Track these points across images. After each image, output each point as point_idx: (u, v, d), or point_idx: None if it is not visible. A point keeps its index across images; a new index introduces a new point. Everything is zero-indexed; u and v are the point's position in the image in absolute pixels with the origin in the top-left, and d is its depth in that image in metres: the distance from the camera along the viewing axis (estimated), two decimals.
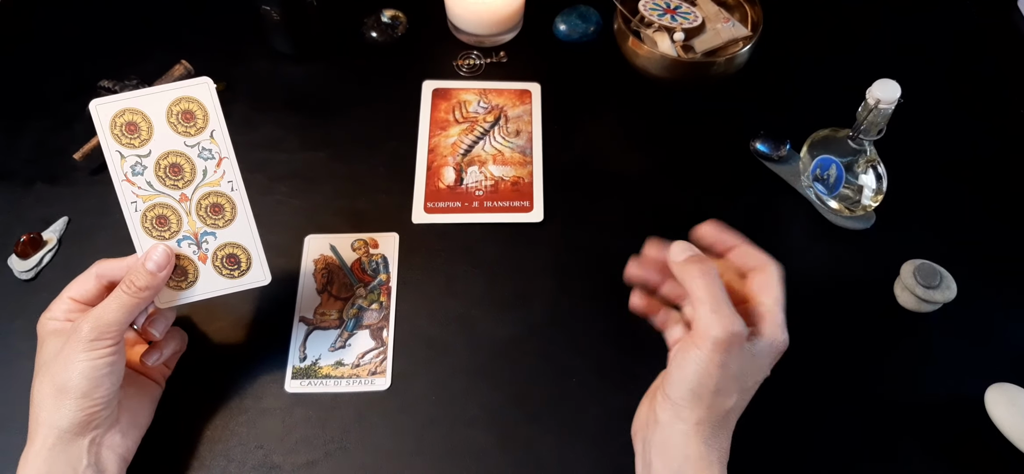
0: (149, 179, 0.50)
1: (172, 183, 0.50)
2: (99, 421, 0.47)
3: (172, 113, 0.49)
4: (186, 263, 0.52)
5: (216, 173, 0.51)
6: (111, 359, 0.46)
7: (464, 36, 0.78)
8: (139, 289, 0.48)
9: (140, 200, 0.50)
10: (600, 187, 0.68)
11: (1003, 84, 0.76)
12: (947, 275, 0.59)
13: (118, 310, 0.47)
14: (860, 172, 0.61)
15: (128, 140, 0.49)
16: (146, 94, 0.49)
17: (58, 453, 0.45)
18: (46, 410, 0.46)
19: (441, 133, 0.71)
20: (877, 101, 0.56)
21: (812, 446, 0.54)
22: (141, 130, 0.49)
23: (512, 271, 0.63)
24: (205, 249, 0.52)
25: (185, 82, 0.50)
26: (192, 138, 0.50)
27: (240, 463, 0.53)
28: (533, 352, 0.58)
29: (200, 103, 0.50)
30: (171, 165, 0.50)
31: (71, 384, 0.45)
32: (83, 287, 0.50)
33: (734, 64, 0.70)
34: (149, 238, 0.51)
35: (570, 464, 0.53)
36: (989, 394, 0.55)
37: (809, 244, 0.65)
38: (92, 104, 0.48)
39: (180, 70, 0.71)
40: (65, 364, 0.46)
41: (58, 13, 0.81)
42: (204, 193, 0.51)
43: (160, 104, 0.49)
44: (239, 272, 0.53)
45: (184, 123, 0.50)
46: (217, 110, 0.50)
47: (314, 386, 0.56)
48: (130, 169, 0.50)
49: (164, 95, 0.49)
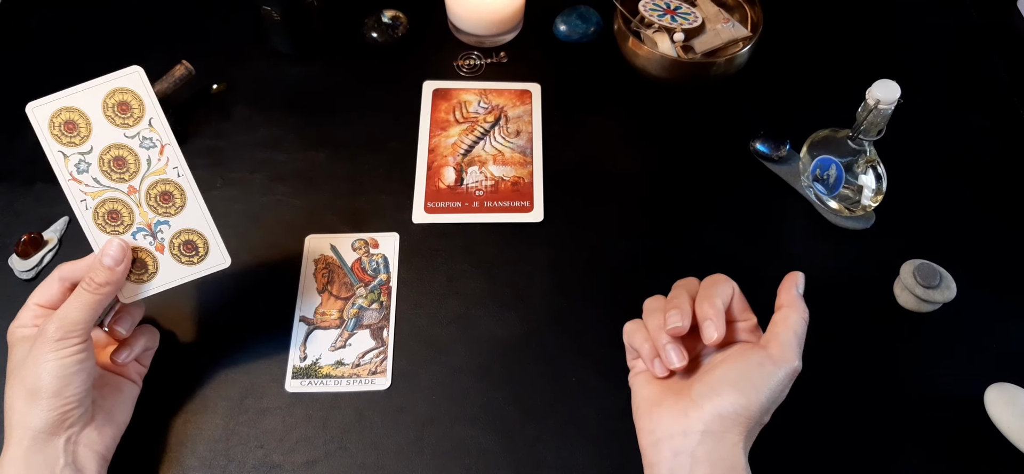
0: (95, 175, 0.50)
1: (118, 176, 0.50)
2: (73, 419, 0.47)
3: (107, 106, 0.49)
4: (144, 255, 0.52)
5: (160, 161, 0.51)
6: (79, 357, 0.46)
7: (464, 36, 0.78)
8: (99, 285, 0.48)
9: (89, 197, 0.50)
10: (600, 187, 0.68)
11: (1003, 84, 0.77)
12: (947, 275, 0.59)
13: (80, 308, 0.47)
14: (860, 172, 0.62)
15: (69, 139, 0.49)
16: (79, 91, 0.49)
17: (34, 454, 0.45)
18: (19, 413, 0.46)
19: (441, 133, 0.71)
20: (877, 101, 0.56)
21: (812, 446, 0.54)
22: (80, 127, 0.49)
23: (512, 271, 0.63)
24: (161, 239, 0.52)
25: (116, 73, 0.49)
26: (131, 129, 0.50)
27: (240, 463, 0.53)
28: (533, 352, 0.59)
29: (134, 93, 0.50)
30: (115, 159, 0.50)
31: (42, 384, 0.45)
32: (48, 292, 0.50)
33: (734, 64, 0.70)
34: (103, 234, 0.51)
35: (570, 463, 0.53)
36: (989, 394, 0.55)
37: (809, 244, 0.65)
38: (28, 107, 0.48)
39: (180, 70, 0.71)
40: (34, 365, 0.46)
41: (58, 13, 0.81)
42: (151, 182, 0.51)
43: (94, 99, 0.49)
44: (198, 258, 0.53)
45: (121, 115, 0.50)
46: (151, 98, 0.50)
47: (314, 386, 0.56)
48: (74, 168, 0.50)
49: (97, 89, 0.49)
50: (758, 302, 0.61)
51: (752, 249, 0.64)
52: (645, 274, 0.62)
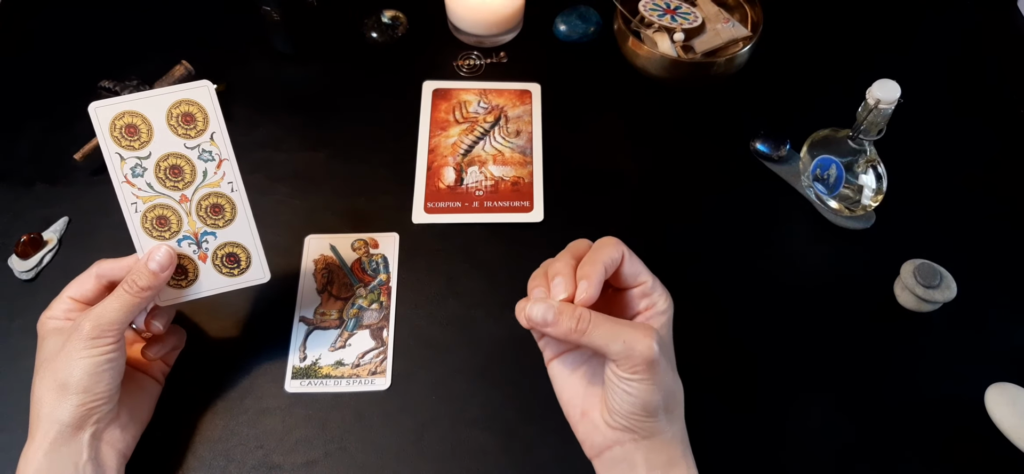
0: (149, 181, 0.50)
1: (172, 184, 0.50)
2: (99, 416, 0.47)
3: (172, 115, 0.49)
4: (186, 262, 0.52)
5: (216, 174, 0.51)
6: (112, 356, 0.47)
7: (464, 36, 0.78)
8: (141, 289, 0.48)
9: (140, 201, 0.50)
10: (600, 187, 0.68)
11: (1003, 84, 0.76)
12: (947, 275, 0.59)
13: (119, 309, 0.47)
14: (860, 172, 0.62)
15: (128, 142, 0.49)
16: (146, 96, 0.49)
17: (59, 447, 0.46)
18: (47, 406, 0.46)
19: (441, 133, 0.71)
20: (877, 101, 0.56)
21: (811, 445, 0.54)
22: (141, 132, 0.49)
23: (512, 271, 0.63)
24: (205, 248, 0.52)
25: (185, 85, 0.50)
26: (192, 140, 0.50)
27: (240, 463, 0.53)
28: (533, 352, 0.58)
29: (200, 105, 0.50)
30: (171, 167, 0.50)
31: (72, 380, 0.46)
32: (83, 287, 0.50)
33: (734, 64, 0.70)
34: (150, 239, 0.51)
35: (570, 463, 0.53)
36: (989, 394, 0.55)
37: (809, 244, 0.65)
38: (91, 107, 0.48)
39: (181, 70, 0.71)
40: (66, 361, 0.46)
41: (58, 13, 0.81)
42: (204, 194, 0.51)
43: (160, 107, 0.49)
44: (239, 270, 0.53)
45: (184, 125, 0.50)
46: (217, 113, 0.50)
47: (314, 386, 0.56)
48: (130, 171, 0.50)
49: (164, 98, 0.49)
50: (758, 302, 0.61)
51: (752, 249, 0.64)
52: None
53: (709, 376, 0.57)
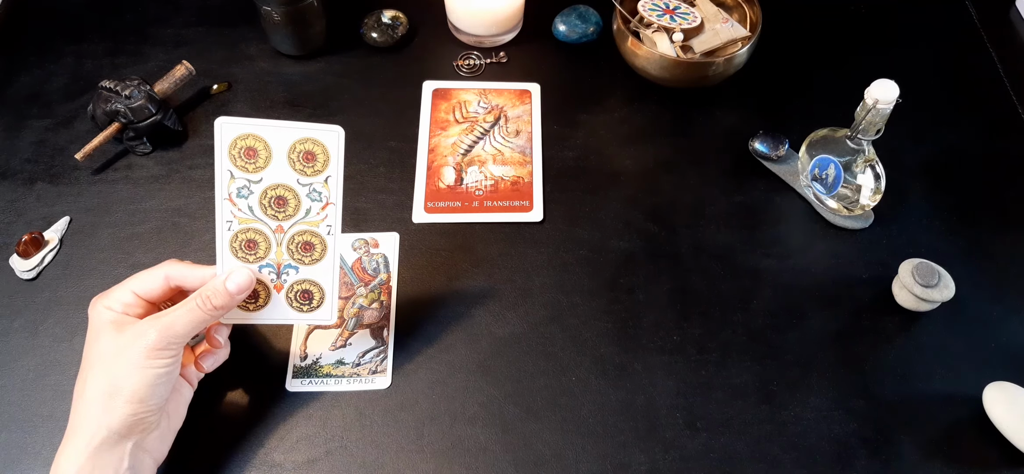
0: (252, 204, 0.49)
1: (272, 214, 0.50)
2: (147, 425, 0.46)
3: (295, 149, 0.49)
4: (260, 288, 0.51)
5: (319, 215, 0.50)
6: (171, 368, 0.46)
7: (464, 36, 0.79)
8: (214, 308, 0.48)
9: (236, 221, 0.49)
10: (600, 186, 0.68)
11: (1002, 84, 0.77)
12: (945, 274, 0.59)
13: (189, 324, 0.47)
14: (858, 172, 0.62)
15: (243, 163, 0.48)
16: (275, 126, 0.48)
17: (103, 452, 0.45)
18: (97, 407, 0.45)
19: (441, 133, 0.71)
20: (876, 101, 0.57)
21: (810, 445, 0.54)
22: (259, 157, 0.49)
23: (512, 270, 0.63)
24: (284, 280, 0.52)
25: (318, 126, 0.49)
26: (306, 178, 0.50)
27: (240, 462, 0.53)
28: (533, 350, 0.59)
29: (325, 147, 0.49)
30: (277, 197, 0.49)
31: (128, 388, 0.45)
32: (149, 284, 0.49)
33: (733, 64, 0.70)
34: (234, 259, 0.50)
35: (570, 461, 0.53)
36: (987, 393, 0.55)
37: (807, 243, 0.65)
38: (218, 122, 0.47)
39: (181, 70, 0.71)
40: (126, 367, 0.45)
41: (59, 13, 0.81)
42: (300, 230, 0.51)
43: (285, 139, 0.48)
44: (309, 308, 0.53)
45: (303, 162, 0.49)
46: (339, 159, 0.50)
47: (315, 385, 0.57)
48: (236, 190, 0.49)
49: (292, 131, 0.48)
50: (758, 302, 0.62)
51: (751, 249, 0.64)
52: (644, 274, 0.63)
53: (709, 375, 0.57)
